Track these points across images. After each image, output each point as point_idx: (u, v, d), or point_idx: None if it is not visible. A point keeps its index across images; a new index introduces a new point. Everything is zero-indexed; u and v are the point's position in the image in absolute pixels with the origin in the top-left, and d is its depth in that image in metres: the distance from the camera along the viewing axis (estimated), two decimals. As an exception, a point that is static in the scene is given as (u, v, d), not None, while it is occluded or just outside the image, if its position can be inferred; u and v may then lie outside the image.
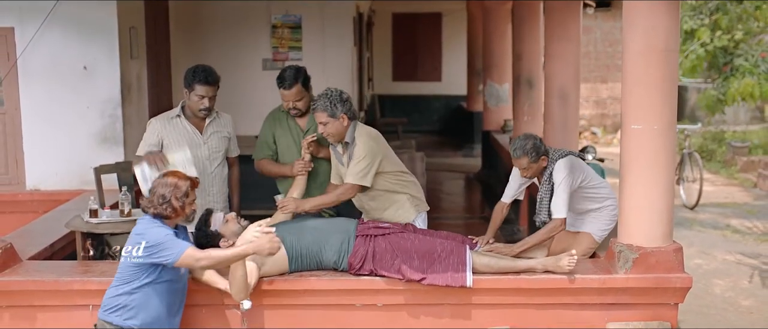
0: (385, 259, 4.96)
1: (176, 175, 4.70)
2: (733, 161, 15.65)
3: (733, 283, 8.58)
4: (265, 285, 4.96)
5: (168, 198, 4.57)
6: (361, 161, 5.40)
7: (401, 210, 5.58)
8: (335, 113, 5.39)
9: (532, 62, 10.98)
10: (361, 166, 5.40)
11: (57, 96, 8.00)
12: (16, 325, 5.08)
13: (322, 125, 5.44)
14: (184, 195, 4.62)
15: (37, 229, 6.59)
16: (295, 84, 5.77)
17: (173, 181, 4.63)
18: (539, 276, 5.02)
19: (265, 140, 6.08)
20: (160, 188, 4.61)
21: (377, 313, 5.09)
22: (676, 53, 5.00)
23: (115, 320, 4.57)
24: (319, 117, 5.43)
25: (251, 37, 11.02)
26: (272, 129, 6.06)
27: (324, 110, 5.40)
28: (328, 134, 5.47)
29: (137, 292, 4.56)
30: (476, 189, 13.61)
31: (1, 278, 5.03)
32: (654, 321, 5.04)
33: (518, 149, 5.50)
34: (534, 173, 5.57)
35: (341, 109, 5.40)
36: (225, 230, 5.10)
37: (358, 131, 5.48)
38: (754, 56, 14.93)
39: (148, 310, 4.59)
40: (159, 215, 4.59)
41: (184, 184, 4.64)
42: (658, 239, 5.03)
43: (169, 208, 4.58)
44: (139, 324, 4.57)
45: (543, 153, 5.51)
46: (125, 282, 4.57)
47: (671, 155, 5.03)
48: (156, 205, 4.59)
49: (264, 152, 6.08)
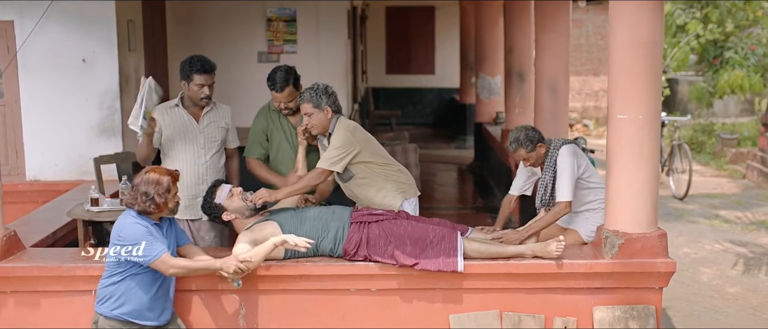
0: (378, 245, 5.07)
1: (157, 171, 4.77)
2: (723, 152, 15.80)
3: (720, 271, 8.72)
4: (262, 270, 5.05)
5: (151, 195, 4.65)
6: (334, 149, 5.52)
7: (387, 197, 5.70)
8: (320, 104, 5.54)
9: (523, 55, 11.09)
10: (333, 153, 5.52)
11: (56, 88, 8.09)
12: (21, 310, 5.16)
13: (307, 116, 5.58)
14: (166, 191, 4.70)
15: (38, 218, 6.69)
16: (286, 86, 5.86)
17: (155, 177, 4.70)
18: (528, 261, 5.13)
19: (257, 138, 6.16)
20: (142, 185, 4.68)
21: (371, 297, 5.19)
22: (660, 46, 5.10)
23: (104, 310, 4.71)
24: (305, 108, 5.57)
25: (247, 30, 11.13)
26: (264, 126, 6.15)
27: (309, 101, 5.55)
28: (312, 126, 5.60)
29: (121, 283, 4.69)
30: (469, 180, 13.69)
31: (5, 264, 5.11)
32: (639, 305, 5.14)
33: (513, 143, 5.67)
34: (535, 161, 5.71)
35: (326, 101, 5.55)
36: (228, 204, 5.25)
37: (338, 124, 5.61)
38: (744, 49, 15.07)
39: (134, 300, 4.71)
40: (143, 211, 4.69)
41: (166, 179, 4.72)
42: (643, 225, 5.13)
43: (151, 205, 4.67)
44: (126, 313, 4.70)
45: (538, 140, 5.64)
46: (110, 275, 4.71)
47: (656, 144, 5.14)
48: (139, 202, 4.67)
49: (257, 151, 6.16)
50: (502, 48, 12.61)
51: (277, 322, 5.21)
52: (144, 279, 4.70)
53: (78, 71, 8.10)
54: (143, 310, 4.74)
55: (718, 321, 7.24)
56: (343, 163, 5.53)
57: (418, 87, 20.70)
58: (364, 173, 5.68)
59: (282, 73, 5.88)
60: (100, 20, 8.03)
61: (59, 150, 8.19)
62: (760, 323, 7.20)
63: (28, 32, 7.59)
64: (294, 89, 5.90)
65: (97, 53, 8.08)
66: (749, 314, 7.42)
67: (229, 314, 5.18)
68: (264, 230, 5.13)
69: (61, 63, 8.07)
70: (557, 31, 8.72)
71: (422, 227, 5.17)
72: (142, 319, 4.75)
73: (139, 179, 4.72)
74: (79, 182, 8.00)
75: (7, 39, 7.84)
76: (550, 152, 5.67)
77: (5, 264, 5.12)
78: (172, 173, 4.79)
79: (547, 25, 8.81)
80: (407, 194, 5.81)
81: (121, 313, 4.70)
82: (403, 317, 5.22)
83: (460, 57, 18.49)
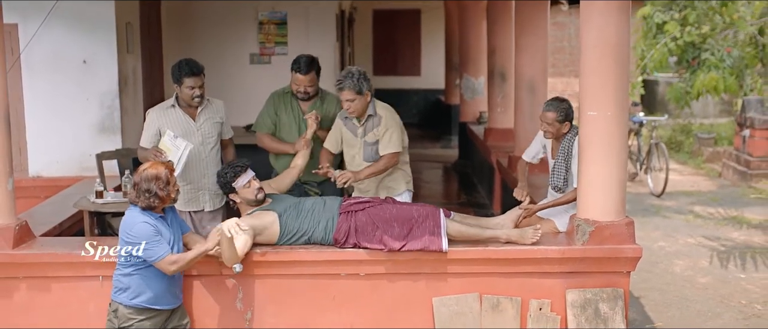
0: (366, 231, 5.31)
1: (153, 166, 4.95)
2: (700, 152, 16.08)
3: (693, 263, 9.02)
4: (257, 256, 5.29)
5: (154, 191, 4.85)
6: (393, 132, 6.01)
7: (393, 182, 6.19)
8: (362, 90, 5.92)
9: (504, 57, 11.22)
10: (395, 136, 6.02)
11: (58, 88, 8.32)
12: (33, 294, 5.39)
13: (349, 102, 5.93)
14: (166, 184, 4.89)
15: (44, 211, 6.94)
16: (311, 71, 6.33)
17: (154, 173, 4.88)
18: (506, 247, 5.38)
19: (268, 114, 6.54)
20: (143, 183, 4.86)
21: (360, 282, 5.44)
22: (627, 47, 5.34)
23: (123, 300, 4.94)
24: (346, 95, 5.92)
25: (239, 33, 11.29)
26: (276, 107, 6.53)
27: (352, 88, 5.91)
28: (354, 110, 5.98)
29: (136, 275, 4.91)
30: (453, 178, 13.89)
31: (18, 251, 5.34)
32: (608, 288, 5.40)
33: (552, 104, 5.98)
34: (554, 133, 5.98)
35: (366, 86, 5.95)
36: (241, 191, 5.48)
37: (378, 105, 6.05)
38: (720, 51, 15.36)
39: (151, 288, 4.93)
40: (148, 207, 4.90)
41: (164, 172, 4.90)
42: (612, 214, 5.38)
43: (155, 199, 4.87)
44: (145, 301, 4.93)
45: (569, 119, 5.95)
46: (123, 268, 4.93)
47: (623, 139, 5.39)
48: (143, 199, 4.87)
49: (267, 126, 6.53)
50: (485, 50, 12.73)
51: (272, 304, 5.44)
52: (156, 269, 4.91)
53: (79, 72, 8.32)
54: (161, 296, 4.97)
55: (687, 309, 7.58)
56: (402, 141, 6.06)
57: (405, 88, 20.75)
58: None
59: (308, 58, 6.35)
60: (101, 23, 8.25)
61: (61, 148, 8.39)
62: (728, 310, 7.55)
63: (32, 35, 7.71)
64: (315, 76, 6.34)
65: (97, 55, 8.31)
66: (718, 302, 7.72)
67: (228, 297, 5.41)
68: (263, 218, 5.38)
69: (63, 64, 8.28)
70: (535, 34, 8.86)
71: (407, 208, 5.43)
72: (160, 304, 4.98)
73: (139, 177, 4.89)
74: (80, 177, 8.23)
75: (11, 41, 7.95)
76: (569, 136, 5.95)
77: (18, 252, 5.34)
78: (166, 165, 4.99)
79: (526, 28, 8.94)
80: (409, 186, 6.25)
81: (140, 302, 4.91)
82: (389, 299, 5.46)
83: (446, 59, 18.65)
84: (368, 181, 6.16)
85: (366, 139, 6.10)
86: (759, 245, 9.78)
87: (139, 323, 4.94)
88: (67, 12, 8.05)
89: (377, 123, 6.07)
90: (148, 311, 4.96)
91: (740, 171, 13.90)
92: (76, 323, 5.41)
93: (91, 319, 5.35)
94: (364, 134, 6.09)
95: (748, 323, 7.23)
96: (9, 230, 5.36)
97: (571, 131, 5.99)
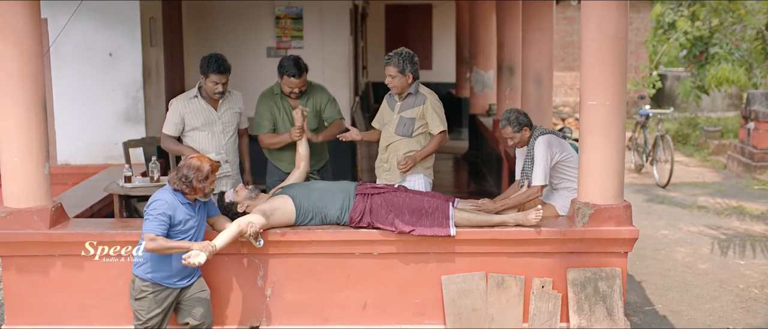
0: (380, 214, 5.63)
1: (201, 159, 5.23)
2: (706, 144, 16.23)
3: (694, 251, 9.19)
4: (276, 236, 5.59)
5: (190, 179, 5.14)
6: (439, 113, 6.41)
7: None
8: (404, 70, 6.32)
9: (512, 51, 11.32)
10: (441, 117, 6.43)
11: (86, 80, 8.60)
12: (67, 271, 5.71)
13: (391, 78, 6.34)
14: (204, 178, 5.17)
15: (74, 195, 7.24)
16: (303, 73, 6.59)
17: (197, 164, 5.17)
18: (511, 228, 5.69)
19: (266, 116, 6.77)
20: (184, 168, 5.16)
21: (373, 260, 5.74)
22: (625, 40, 5.56)
23: (139, 273, 5.26)
24: (389, 70, 6.33)
25: (256, 27, 11.45)
26: (269, 107, 6.79)
27: (396, 66, 6.32)
28: (394, 86, 6.38)
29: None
30: (464, 168, 14.08)
31: (54, 231, 5.65)
32: (607, 267, 5.69)
33: (503, 120, 6.27)
34: (520, 142, 6.26)
35: (410, 68, 6.34)
36: (237, 198, 5.81)
37: (422, 89, 6.43)
38: (729, 44, 15.48)
39: (164, 267, 5.23)
40: (179, 190, 5.20)
41: (207, 167, 5.18)
42: (611, 197, 5.66)
43: (188, 187, 5.16)
44: (157, 278, 5.24)
45: (525, 125, 6.20)
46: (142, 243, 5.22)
47: (621, 127, 5.65)
48: (177, 182, 5.17)
49: (267, 127, 6.76)
50: (494, 44, 12.78)
51: (290, 282, 5.75)
52: None
53: (105, 64, 8.61)
54: (172, 276, 5.27)
55: (687, 292, 7.81)
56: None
57: (417, 82, 20.77)
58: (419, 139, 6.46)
59: (295, 60, 6.56)
60: (126, 18, 8.52)
61: (88, 136, 8.67)
62: (726, 294, 7.79)
63: (60, 29, 8.03)
64: (306, 75, 6.63)
65: (122, 48, 8.57)
66: (716, 286, 7.92)
67: (250, 275, 5.72)
68: (273, 201, 5.71)
69: (90, 57, 8.56)
70: (541, 29, 9.03)
71: (418, 198, 5.73)
72: (169, 282, 5.28)
73: (184, 162, 5.20)
74: (106, 165, 8.53)
75: (41, 35, 8.13)
76: (532, 138, 6.21)
77: (54, 231, 5.65)
78: (213, 164, 5.24)
79: (532, 23, 9.11)
80: (426, 172, 6.56)
81: (153, 277, 5.23)
82: (400, 277, 5.76)
83: (456, 53, 18.68)
84: (391, 158, 6.49)
85: (402, 114, 6.46)
86: (759, 234, 9.93)
87: (151, 296, 5.26)
88: (94, 6, 8.32)
89: (419, 102, 6.42)
90: (160, 287, 5.27)
91: (745, 163, 14.04)
92: (107, 297, 5.74)
93: (120, 294, 5.66)
94: (402, 110, 6.45)
95: (744, 305, 7.43)
96: (46, 212, 5.67)
97: (534, 132, 6.26)
